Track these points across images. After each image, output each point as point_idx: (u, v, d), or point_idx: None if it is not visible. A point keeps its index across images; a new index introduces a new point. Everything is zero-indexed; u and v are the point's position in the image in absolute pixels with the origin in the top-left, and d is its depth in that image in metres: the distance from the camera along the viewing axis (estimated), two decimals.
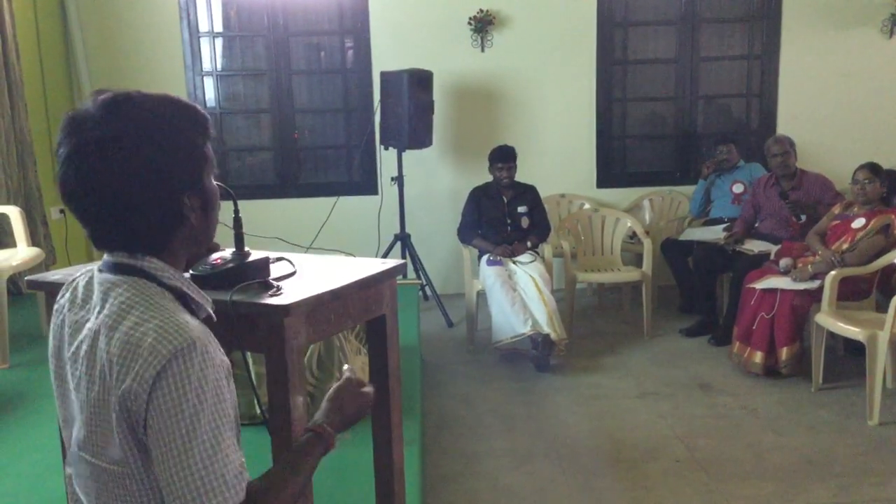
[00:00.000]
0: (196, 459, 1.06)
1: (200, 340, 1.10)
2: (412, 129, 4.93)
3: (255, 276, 1.71)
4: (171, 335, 1.08)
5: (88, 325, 1.16)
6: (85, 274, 1.26)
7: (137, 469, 1.12)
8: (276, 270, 1.83)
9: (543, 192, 5.00)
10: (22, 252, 4.10)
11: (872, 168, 4.06)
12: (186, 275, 1.31)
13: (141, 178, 1.12)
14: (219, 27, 5.68)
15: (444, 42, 5.52)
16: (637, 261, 5.29)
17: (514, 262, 4.53)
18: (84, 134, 1.11)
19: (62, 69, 5.44)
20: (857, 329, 3.57)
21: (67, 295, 1.25)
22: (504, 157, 4.71)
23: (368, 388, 1.45)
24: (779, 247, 4.44)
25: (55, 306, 1.28)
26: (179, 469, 1.06)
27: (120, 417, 1.09)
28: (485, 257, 4.63)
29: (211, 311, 1.28)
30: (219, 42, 5.72)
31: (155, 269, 1.18)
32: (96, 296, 1.18)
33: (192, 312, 1.21)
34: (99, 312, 1.15)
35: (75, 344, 1.18)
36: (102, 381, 1.11)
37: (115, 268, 1.18)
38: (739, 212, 5.03)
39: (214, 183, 1.26)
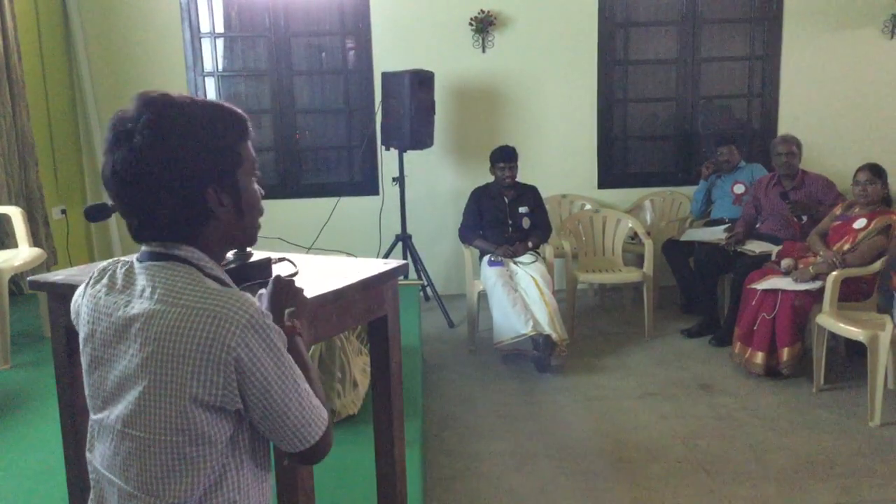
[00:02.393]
0: (303, 401, 1.23)
1: (256, 300, 1.22)
2: (413, 130, 4.93)
3: (257, 276, 1.71)
4: (242, 304, 1.18)
5: (140, 305, 1.21)
6: (122, 264, 1.31)
7: (201, 433, 1.18)
8: (277, 271, 1.83)
9: (544, 193, 5.00)
10: (23, 252, 4.10)
11: (873, 169, 4.06)
12: None
13: (164, 166, 1.19)
14: (220, 28, 5.69)
15: (446, 43, 5.52)
16: (638, 261, 5.29)
17: (516, 263, 4.53)
18: (121, 126, 1.21)
19: (64, 70, 5.44)
20: (858, 330, 3.57)
21: (104, 281, 1.30)
22: (506, 157, 4.71)
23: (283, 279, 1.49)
24: (780, 247, 4.44)
25: (89, 292, 1.32)
26: (293, 412, 1.22)
27: (194, 385, 1.16)
28: (486, 258, 4.63)
29: None
30: (220, 42, 5.72)
31: (196, 258, 1.25)
32: (142, 280, 1.24)
33: None
34: (152, 294, 1.21)
35: (122, 323, 1.23)
36: (168, 353, 1.17)
37: (157, 256, 1.25)
38: (740, 212, 5.03)
39: (256, 186, 1.32)
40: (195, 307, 1.17)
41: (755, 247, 4.66)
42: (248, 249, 1.81)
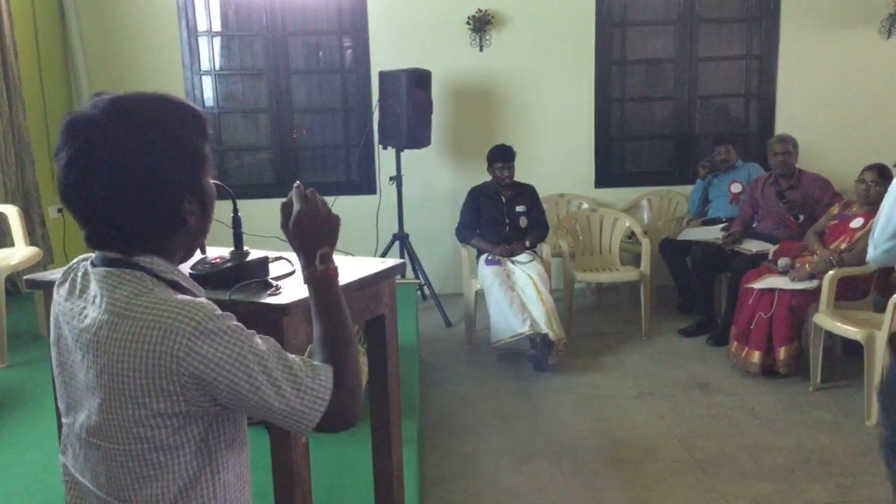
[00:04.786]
0: (282, 390, 1.15)
1: (210, 304, 1.16)
2: (410, 129, 4.93)
3: (254, 275, 1.71)
4: (189, 312, 1.12)
5: (91, 314, 1.17)
6: (82, 265, 1.27)
7: (165, 440, 1.15)
8: (274, 269, 1.83)
9: (542, 192, 5.00)
10: (20, 251, 4.09)
11: (881, 170, 4.04)
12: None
13: (142, 182, 1.14)
14: (217, 26, 5.68)
15: (443, 42, 5.52)
16: (635, 261, 5.29)
17: (513, 262, 4.53)
18: (85, 136, 1.13)
19: (60, 68, 5.43)
20: (854, 329, 3.58)
21: (66, 285, 1.27)
22: (503, 156, 4.70)
23: (304, 205, 1.33)
24: (777, 246, 4.45)
25: (55, 296, 1.29)
26: (274, 404, 1.15)
27: (151, 397, 1.13)
28: (483, 257, 4.63)
29: None
30: (217, 41, 5.71)
31: (151, 264, 1.20)
32: (95, 286, 1.19)
33: None
34: (101, 302, 1.17)
35: (77, 332, 1.19)
36: (120, 366, 1.13)
37: (111, 262, 1.20)
38: (737, 212, 5.04)
39: (211, 182, 1.27)
40: (142, 319, 1.12)
41: (752, 246, 4.66)
42: (246, 248, 1.80)
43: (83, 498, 1.27)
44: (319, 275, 1.29)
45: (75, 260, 1.31)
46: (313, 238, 1.31)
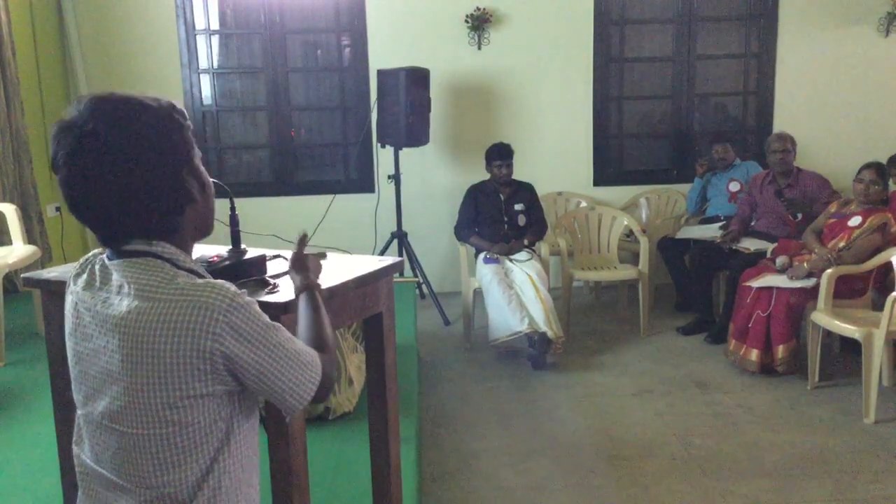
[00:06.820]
0: (293, 363, 1.26)
1: (228, 283, 1.23)
2: (409, 127, 4.92)
3: (252, 273, 1.71)
4: (219, 290, 1.19)
5: (117, 301, 1.21)
6: (98, 258, 1.31)
7: (192, 421, 1.19)
8: (272, 268, 1.83)
9: (540, 190, 5.00)
10: (18, 250, 4.09)
11: (879, 170, 4.04)
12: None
13: (141, 163, 1.18)
14: (215, 24, 5.67)
15: (441, 40, 5.52)
16: (634, 259, 5.29)
17: (511, 261, 4.53)
18: (75, 140, 1.17)
19: (58, 67, 5.42)
20: (852, 327, 3.58)
21: (85, 276, 1.30)
22: (502, 154, 4.71)
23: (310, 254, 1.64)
24: (775, 245, 4.45)
25: (71, 287, 1.32)
26: (288, 378, 1.25)
27: (183, 378, 1.17)
28: (482, 255, 4.63)
29: None
30: (215, 39, 5.71)
31: (169, 253, 1.24)
32: (117, 277, 1.23)
33: None
34: (129, 290, 1.20)
35: (101, 318, 1.22)
36: (151, 350, 1.17)
37: (129, 253, 1.24)
38: (736, 210, 5.04)
39: (201, 165, 1.31)
40: (175, 301, 1.17)
41: (750, 244, 4.67)
42: (243, 246, 1.80)
43: (98, 487, 1.28)
44: (317, 287, 1.52)
45: (91, 253, 1.35)
46: (316, 268, 1.61)
